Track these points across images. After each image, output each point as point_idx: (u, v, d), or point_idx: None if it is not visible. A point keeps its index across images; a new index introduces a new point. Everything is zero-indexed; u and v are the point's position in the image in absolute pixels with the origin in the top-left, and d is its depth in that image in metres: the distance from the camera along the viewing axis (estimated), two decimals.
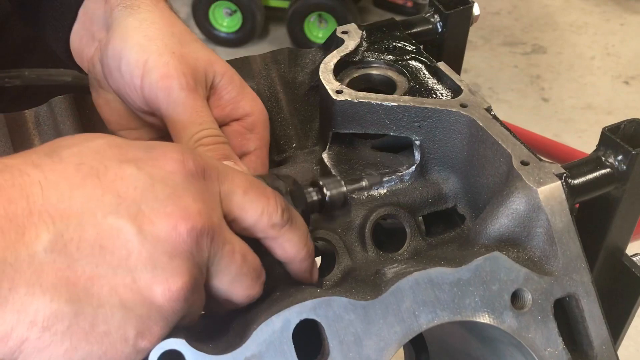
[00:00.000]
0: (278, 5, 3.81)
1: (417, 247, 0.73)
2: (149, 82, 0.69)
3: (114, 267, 0.48)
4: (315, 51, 0.89)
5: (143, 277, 0.49)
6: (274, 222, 0.58)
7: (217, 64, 0.73)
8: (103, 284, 0.48)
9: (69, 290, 0.47)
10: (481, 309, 0.61)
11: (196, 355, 0.54)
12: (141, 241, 0.48)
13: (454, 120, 0.73)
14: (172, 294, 0.49)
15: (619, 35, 3.99)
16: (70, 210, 0.48)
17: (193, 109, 0.69)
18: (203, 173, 0.54)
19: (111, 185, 0.49)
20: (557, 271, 0.64)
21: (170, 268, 0.49)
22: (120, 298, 0.48)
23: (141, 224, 0.49)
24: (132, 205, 0.49)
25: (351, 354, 0.57)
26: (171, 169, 0.52)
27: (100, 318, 0.48)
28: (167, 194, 0.50)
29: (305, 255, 0.61)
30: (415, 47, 0.86)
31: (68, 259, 0.47)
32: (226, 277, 0.55)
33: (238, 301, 0.57)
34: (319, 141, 0.85)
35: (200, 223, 0.51)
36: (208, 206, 0.53)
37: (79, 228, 0.48)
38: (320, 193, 0.68)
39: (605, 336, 0.66)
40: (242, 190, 0.57)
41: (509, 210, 0.65)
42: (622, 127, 0.70)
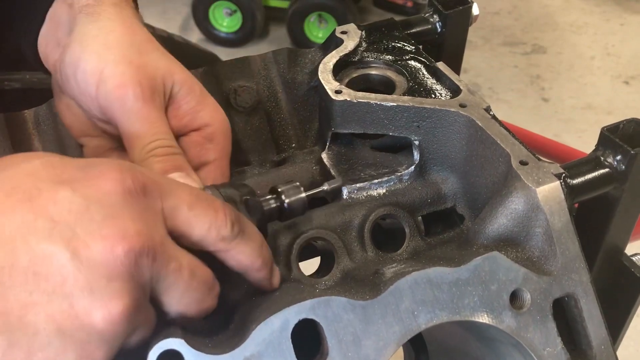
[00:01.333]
0: (278, 5, 3.80)
1: (416, 247, 0.73)
2: (104, 91, 0.68)
3: (49, 294, 0.47)
4: (315, 51, 0.89)
5: (81, 302, 0.47)
6: (222, 236, 0.57)
7: (177, 74, 0.72)
8: (38, 312, 0.46)
9: (2, 321, 0.46)
10: (480, 309, 0.61)
11: (195, 355, 0.54)
12: (77, 266, 0.47)
13: (453, 120, 0.73)
14: (113, 318, 0.48)
15: (619, 35, 3.99)
16: (2, 238, 0.47)
17: (147, 120, 0.68)
18: (143, 190, 0.53)
19: (44, 209, 0.48)
20: (556, 271, 0.64)
21: (108, 291, 0.48)
22: (58, 325, 0.47)
23: (76, 248, 0.47)
24: (66, 229, 0.48)
25: (350, 353, 0.57)
26: (108, 190, 0.51)
27: (36, 346, 0.46)
28: (103, 216, 0.49)
29: (260, 265, 0.60)
30: (415, 47, 0.86)
31: (0, 288, 0.46)
32: (175, 293, 0.54)
33: (192, 315, 0.56)
34: (318, 141, 0.85)
35: (139, 244, 0.49)
36: (148, 225, 0.51)
37: (10, 255, 0.46)
38: (279, 200, 0.67)
39: (604, 336, 0.66)
40: (187, 205, 0.55)
41: (508, 210, 0.65)
42: (621, 127, 0.70)
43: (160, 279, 0.52)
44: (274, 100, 0.87)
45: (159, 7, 3.95)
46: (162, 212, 0.54)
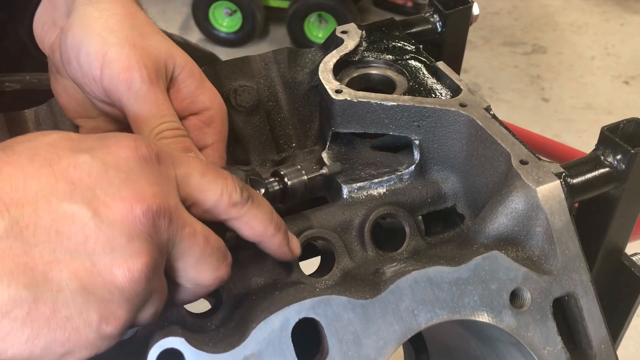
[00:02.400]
0: (278, 5, 3.80)
1: (416, 246, 0.73)
2: (110, 74, 0.68)
3: (72, 252, 0.48)
4: (315, 51, 0.89)
5: (102, 260, 0.49)
6: (234, 201, 0.58)
7: (178, 57, 0.73)
8: (62, 269, 0.48)
9: (27, 276, 0.47)
10: (480, 308, 0.61)
11: (195, 354, 0.54)
12: (97, 224, 0.49)
13: (453, 120, 0.73)
14: (133, 275, 0.49)
15: (619, 35, 3.99)
16: (25, 199, 0.48)
17: (154, 102, 0.68)
18: (157, 158, 0.55)
19: (64, 173, 0.50)
20: (556, 270, 0.64)
21: (129, 249, 0.49)
22: (81, 282, 0.48)
23: (97, 208, 0.49)
24: (86, 191, 0.49)
25: (350, 352, 0.57)
26: (124, 155, 0.53)
27: (60, 303, 0.48)
28: (121, 179, 0.51)
29: (274, 230, 0.62)
30: (415, 46, 0.86)
31: (24, 245, 0.47)
32: (190, 259, 0.55)
33: (207, 283, 0.57)
34: (318, 141, 0.85)
35: (155, 204, 0.51)
36: (163, 189, 0.53)
37: (34, 215, 0.48)
38: (282, 183, 0.69)
39: (604, 335, 0.66)
40: (199, 173, 0.57)
41: (508, 210, 0.65)
42: (621, 126, 0.70)
43: (176, 242, 0.54)
44: (274, 100, 0.88)
45: (159, 7, 3.95)
46: (176, 179, 0.56)
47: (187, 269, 0.56)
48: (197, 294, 0.58)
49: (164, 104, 0.69)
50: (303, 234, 0.70)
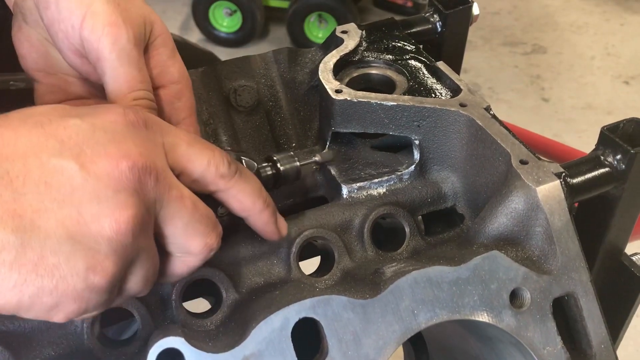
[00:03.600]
0: (278, 5, 3.81)
1: (416, 246, 0.73)
2: (93, 24, 0.67)
3: (59, 202, 0.49)
4: (315, 51, 0.89)
5: (89, 210, 0.50)
6: (222, 172, 0.59)
7: (156, 24, 0.72)
8: (49, 217, 0.49)
9: (15, 222, 0.48)
10: (480, 308, 0.61)
11: (195, 353, 0.54)
12: (84, 177, 0.50)
13: (453, 120, 0.73)
14: (120, 226, 0.50)
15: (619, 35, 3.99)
16: (16, 154, 0.50)
17: (136, 65, 0.68)
18: (145, 124, 0.56)
19: (54, 132, 0.52)
20: (556, 270, 0.64)
21: (115, 201, 0.50)
22: (68, 230, 0.49)
23: (83, 163, 0.51)
24: (74, 147, 0.51)
25: (350, 352, 0.57)
26: (112, 119, 0.54)
27: (48, 249, 0.48)
28: (108, 139, 0.53)
29: (262, 205, 0.62)
30: (415, 46, 0.86)
31: (14, 194, 0.48)
32: (179, 222, 0.56)
33: (196, 250, 0.57)
34: (318, 140, 0.85)
35: (141, 162, 0.52)
36: (150, 151, 0.54)
37: (24, 168, 0.49)
38: (274, 168, 0.70)
39: (604, 335, 0.66)
40: (186, 142, 0.58)
41: (508, 210, 0.65)
42: (621, 126, 0.71)
43: (164, 203, 0.54)
44: (274, 100, 0.88)
45: (159, 7, 3.95)
46: (163, 146, 0.57)
47: (176, 233, 0.56)
48: (188, 264, 0.58)
49: (143, 70, 0.69)
50: (303, 233, 0.70)
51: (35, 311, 0.50)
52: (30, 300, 0.49)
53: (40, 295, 0.49)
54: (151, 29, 0.71)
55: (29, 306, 0.49)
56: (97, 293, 0.51)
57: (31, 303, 0.49)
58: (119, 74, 0.67)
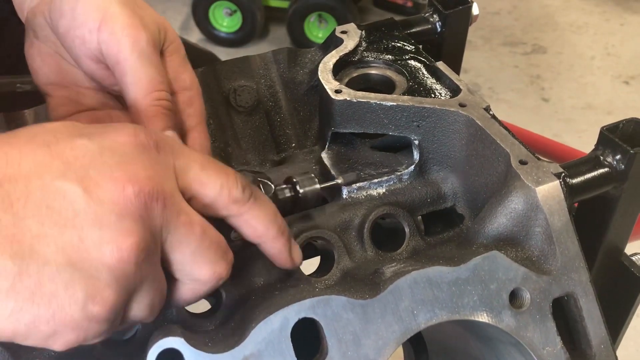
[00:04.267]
0: (278, 5, 3.81)
1: (415, 246, 0.73)
2: (112, 27, 0.67)
3: (60, 227, 0.48)
4: (315, 51, 0.89)
5: (90, 236, 0.48)
6: (235, 197, 0.57)
7: (169, 31, 0.73)
8: (49, 242, 0.47)
9: (13, 248, 0.46)
10: (479, 308, 0.61)
11: (195, 354, 0.54)
12: (87, 201, 0.48)
13: (453, 120, 0.73)
14: (122, 254, 0.48)
15: (619, 35, 3.99)
16: (19, 174, 0.48)
17: (157, 66, 0.68)
18: (156, 146, 0.54)
19: (61, 153, 0.50)
20: (556, 270, 0.64)
21: (118, 227, 0.49)
22: (67, 257, 0.47)
23: (87, 186, 0.49)
24: (79, 170, 0.50)
25: (350, 352, 0.57)
26: (122, 141, 0.53)
27: (46, 276, 0.47)
28: (116, 161, 0.51)
29: (276, 232, 0.60)
30: (414, 46, 0.86)
31: (14, 218, 0.47)
32: (187, 249, 0.54)
33: (204, 279, 0.56)
34: (318, 141, 0.85)
35: (148, 187, 0.50)
36: (159, 174, 0.52)
37: (25, 190, 0.48)
38: (294, 190, 0.68)
39: (604, 335, 0.66)
40: (199, 165, 0.56)
41: (508, 210, 0.65)
42: (621, 126, 0.71)
43: (170, 229, 0.53)
44: (273, 100, 0.88)
45: (159, 7, 3.95)
46: (174, 169, 0.55)
47: (184, 260, 0.54)
48: (196, 292, 0.57)
49: (163, 72, 0.69)
50: (303, 234, 0.70)
51: (32, 339, 0.48)
52: (27, 329, 0.47)
53: (37, 324, 0.47)
54: (165, 35, 0.72)
55: (25, 335, 0.48)
56: (97, 323, 0.49)
57: (27, 332, 0.48)
58: (140, 75, 0.67)
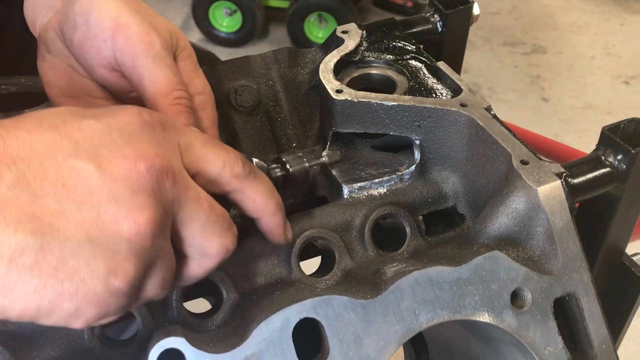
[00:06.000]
0: (278, 5, 3.81)
1: (417, 246, 0.73)
2: (126, 34, 0.69)
3: (78, 204, 0.49)
4: (315, 51, 0.89)
5: (107, 212, 0.49)
6: (236, 172, 0.59)
7: (181, 38, 0.74)
8: (68, 219, 0.48)
9: (34, 224, 0.47)
10: (481, 308, 0.61)
11: (196, 353, 0.54)
12: (102, 178, 0.50)
13: (454, 120, 0.73)
14: (139, 227, 0.50)
15: (619, 35, 3.99)
16: (32, 154, 0.49)
17: (173, 68, 0.69)
18: (160, 125, 0.56)
19: (69, 133, 0.51)
20: (557, 270, 0.64)
21: (133, 202, 0.50)
22: (87, 233, 0.48)
23: (100, 163, 0.50)
24: (90, 148, 0.51)
25: (351, 352, 0.57)
26: (127, 120, 0.54)
27: (67, 252, 0.48)
28: (124, 140, 0.52)
29: (275, 206, 0.62)
30: (415, 46, 0.86)
31: (32, 196, 0.48)
32: (196, 224, 0.55)
33: (213, 252, 0.57)
34: (319, 141, 0.85)
35: (158, 163, 0.52)
36: (167, 151, 0.54)
37: (40, 169, 0.49)
38: (284, 169, 0.70)
39: (605, 335, 0.66)
40: (200, 143, 0.58)
41: (509, 210, 0.65)
42: (622, 126, 0.70)
43: (181, 204, 0.54)
44: (274, 100, 0.87)
45: (159, 7, 3.95)
46: (179, 147, 0.56)
47: (193, 235, 0.55)
48: (204, 267, 0.58)
49: (179, 74, 0.70)
50: (304, 234, 0.70)
51: (55, 317, 0.49)
52: (50, 306, 0.48)
53: (60, 300, 0.48)
54: (177, 42, 0.73)
55: (48, 312, 0.48)
56: (118, 297, 0.50)
57: (51, 308, 0.48)
58: (158, 76, 0.68)
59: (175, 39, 0.73)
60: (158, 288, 0.54)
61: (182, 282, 0.59)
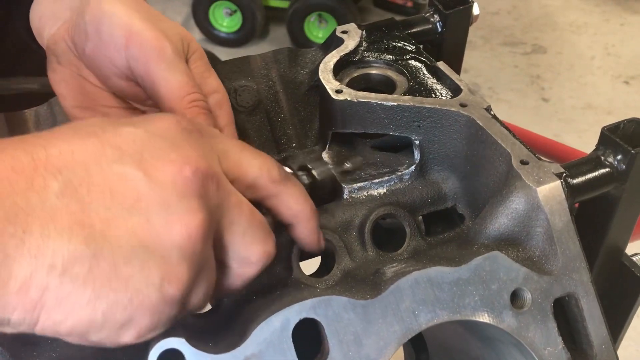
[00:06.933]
0: (278, 5, 3.81)
1: (416, 246, 0.73)
2: (139, 41, 0.69)
3: (127, 210, 0.48)
4: (315, 51, 0.89)
5: (158, 217, 0.48)
6: (273, 177, 0.58)
7: (191, 41, 0.75)
8: (119, 226, 0.47)
9: (85, 232, 0.46)
10: (481, 308, 0.61)
11: (196, 354, 0.54)
12: (149, 184, 0.49)
13: (454, 120, 0.73)
14: (190, 232, 0.49)
15: (619, 35, 3.99)
16: (75, 162, 0.48)
17: (185, 72, 0.69)
18: (198, 131, 0.55)
19: (110, 140, 0.50)
20: (557, 270, 0.64)
21: (183, 208, 0.49)
22: (139, 239, 0.47)
23: (146, 169, 0.49)
24: (134, 154, 0.50)
25: (351, 353, 0.57)
26: (166, 126, 0.53)
27: (121, 260, 0.46)
28: (167, 145, 0.51)
29: (310, 211, 0.62)
30: (415, 46, 0.86)
31: (80, 203, 0.46)
32: (238, 230, 0.54)
33: (255, 258, 0.56)
34: (318, 141, 0.85)
35: (203, 167, 0.51)
36: (208, 157, 0.53)
37: (86, 176, 0.48)
38: (311, 176, 0.69)
39: (605, 336, 0.66)
40: (237, 148, 0.58)
41: (509, 210, 0.65)
42: (622, 126, 0.70)
43: (224, 211, 0.53)
44: (274, 100, 0.87)
45: (159, 7, 3.95)
46: (217, 153, 0.56)
47: (236, 242, 0.54)
48: (245, 276, 0.57)
49: (192, 78, 0.70)
50: None
51: (106, 330, 0.47)
52: (103, 318, 0.47)
53: (114, 311, 0.47)
54: (188, 45, 0.74)
55: (101, 325, 0.47)
56: (170, 305, 0.49)
57: (104, 321, 0.47)
58: (171, 82, 0.68)
59: (187, 43, 0.73)
60: (201, 299, 0.53)
61: (220, 293, 0.57)
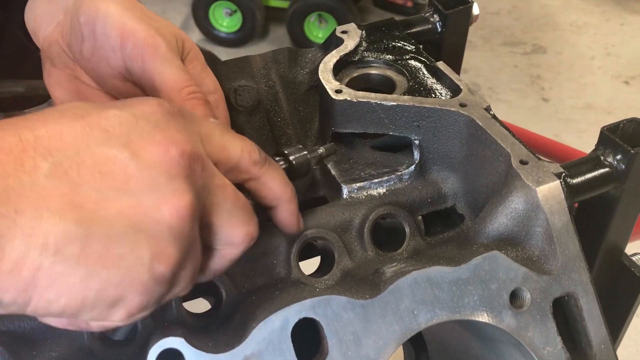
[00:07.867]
0: (278, 5, 3.81)
1: (416, 246, 0.73)
2: (134, 40, 0.69)
3: (117, 191, 0.48)
4: (315, 51, 0.89)
5: (147, 198, 0.49)
6: (255, 159, 0.59)
7: (186, 40, 0.75)
8: (110, 207, 0.48)
9: (77, 213, 0.47)
10: (480, 308, 0.61)
11: (195, 353, 0.54)
12: (138, 165, 0.49)
13: (453, 120, 0.73)
14: (179, 212, 0.50)
15: (619, 35, 3.99)
16: (64, 144, 0.49)
17: (180, 67, 0.70)
18: (181, 114, 0.56)
19: (97, 123, 0.51)
20: (556, 270, 0.64)
21: (171, 188, 0.50)
22: (129, 219, 0.48)
23: (134, 151, 0.50)
24: (121, 136, 0.50)
25: (350, 352, 0.57)
26: (150, 110, 0.54)
27: (113, 239, 0.47)
28: (152, 127, 0.52)
29: (291, 194, 0.63)
30: (415, 46, 0.86)
31: (71, 185, 0.47)
32: (223, 211, 0.55)
33: (238, 240, 0.57)
34: (318, 141, 0.85)
35: (189, 148, 0.52)
36: (192, 139, 0.54)
37: (76, 158, 0.48)
38: (287, 161, 0.70)
39: (604, 335, 0.66)
40: (218, 132, 0.58)
41: (508, 210, 0.65)
42: (621, 126, 0.71)
43: (209, 192, 0.54)
44: (274, 100, 0.88)
45: (159, 7, 3.96)
46: (200, 135, 0.56)
47: (220, 223, 0.55)
48: (228, 257, 0.58)
49: (188, 73, 0.71)
50: (303, 233, 0.70)
51: (98, 309, 0.49)
52: (95, 296, 0.48)
53: (105, 289, 0.48)
54: (182, 44, 0.74)
55: (93, 303, 0.48)
56: (160, 284, 0.50)
57: (96, 299, 0.48)
58: (167, 76, 0.69)
59: (181, 42, 0.74)
60: (187, 281, 0.54)
61: (205, 276, 0.58)
